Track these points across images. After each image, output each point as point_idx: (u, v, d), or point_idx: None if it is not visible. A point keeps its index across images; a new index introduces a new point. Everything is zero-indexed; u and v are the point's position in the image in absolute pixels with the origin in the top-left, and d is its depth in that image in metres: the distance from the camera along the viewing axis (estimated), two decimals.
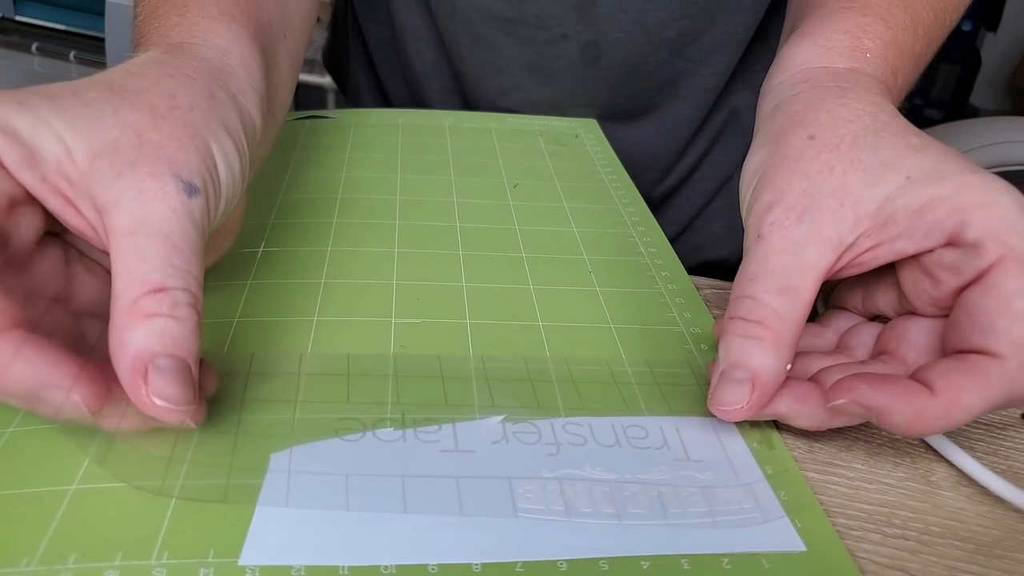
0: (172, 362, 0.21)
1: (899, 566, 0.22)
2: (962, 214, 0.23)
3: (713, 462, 0.24)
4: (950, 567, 0.22)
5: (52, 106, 0.22)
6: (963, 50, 2.06)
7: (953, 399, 0.22)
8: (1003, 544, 0.23)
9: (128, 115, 0.23)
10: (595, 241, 0.37)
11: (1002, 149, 1.04)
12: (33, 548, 0.19)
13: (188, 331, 0.21)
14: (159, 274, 0.21)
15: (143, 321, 0.21)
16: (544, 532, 0.21)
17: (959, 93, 2.11)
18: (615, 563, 0.21)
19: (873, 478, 0.25)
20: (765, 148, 0.28)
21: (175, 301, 0.21)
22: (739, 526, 0.22)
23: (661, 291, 0.33)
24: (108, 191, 0.22)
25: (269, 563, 0.20)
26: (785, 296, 0.24)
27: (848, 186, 0.25)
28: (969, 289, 0.23)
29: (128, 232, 0.21)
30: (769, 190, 0.26)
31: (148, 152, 0.22)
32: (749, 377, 0.24)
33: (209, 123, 0.24)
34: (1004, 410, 0.29)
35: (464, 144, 0.46)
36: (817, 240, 0.24)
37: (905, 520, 0.23)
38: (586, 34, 0.49)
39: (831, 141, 0.26)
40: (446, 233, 0.36)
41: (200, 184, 0.23)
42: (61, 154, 0.21)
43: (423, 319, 0.30)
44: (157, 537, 0.20)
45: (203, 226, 0.23)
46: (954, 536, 0.23)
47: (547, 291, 0.32)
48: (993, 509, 0.24)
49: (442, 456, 0.24)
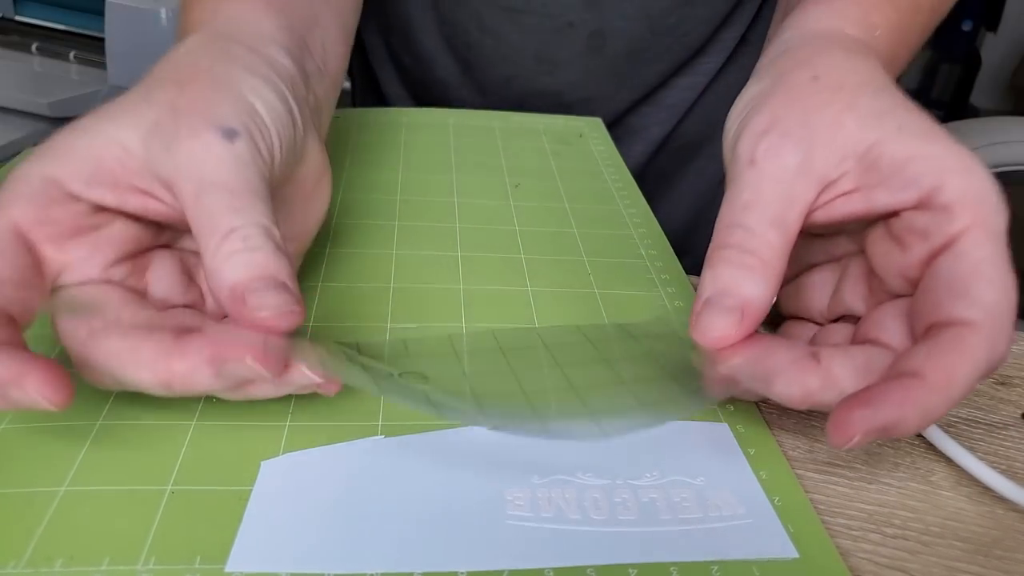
0: (261, 283, 0.22)
1: (899, 566, 0.22)
2: (940, 175, 0.23)
3: (706, 466, 0.24)
4: (950, 567, 0.22)
5: (101, 117, 0.24)
6: (963, 50, 2.06)
7: (946, 380, 0.21)
8: (1003, 544, 0.23)
9: (159, 96, 0.24)
10: (595, 242, 0.37)
11: (1002, 149, 1.04)
12: (21, 551, 0.20)
13: (268, 255, 0.23)
14: (224, 219, 0.23)
15: (225, 261, 0.22)
16: (532, 540, 0.21)
17: (959, 93, 2.11)
18: (603, 571, 0.20)
19: (873, 478, 0.25)
20: (765, 82, 0.28)
21: (246, 235, 0.23)
22: (731, 531, 0.22)
23: (660, 294, 0.33)
24: (166, 167, 0.23)
25: (256, 570, 0.20)
26: (778, 228, 0.24)
27: (842, 123, 0.25)
28: (939, 257, 0.23)
29: (193, 196, 0.23)
30: (765, 116, 0.26)
31: (183, 117, 0.24)
32: (739, 305, 0.24)
33: (233, 72, 0.26)
34: (1004, 410, 0.29)
35: (467, 143, 0.46)
36: (809, 171, 0.24)
37: (905, 520, 0.23)
38: (591, 22, 0.50)
39: (834, 83, 0.26)
40: (445, 234, 0.36)
41: (239, 126, 0.24)
42: (119, 152, 0.23)
43: (420, 324, 0.30)
44: (145, 542, 0.20)
45: (257, 164, 0.24)
46: (954, 536, 0.23)
47: (544, 293, 0.32)
48: (993, 509, 0.24)
49: (432, 461, 0.24)
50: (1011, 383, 0.30)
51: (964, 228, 0.22)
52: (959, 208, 0.22)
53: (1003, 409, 0.29)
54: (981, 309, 0.21)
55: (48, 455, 0.22)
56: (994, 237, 0.22)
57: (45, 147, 0.23)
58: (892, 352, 0.24)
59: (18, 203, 0.22)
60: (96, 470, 0.22)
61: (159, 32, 0.78)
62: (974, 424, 0.28)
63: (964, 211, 0.22)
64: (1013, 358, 0.32)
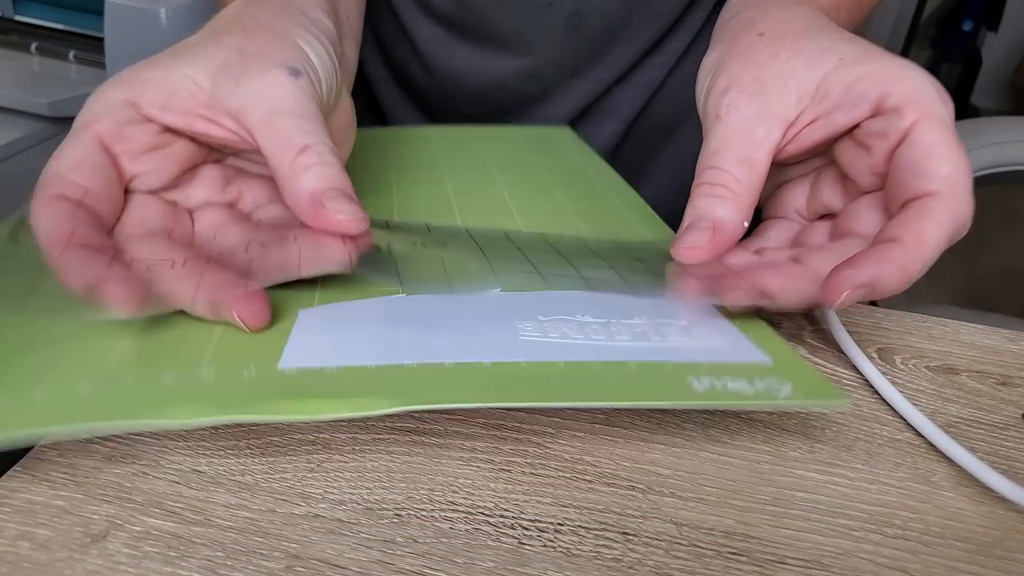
0: (336, 192, 0.26)
1: (900, 567, 0.22)
2: (884, 86, 0.27)
3: (687, 313, 0.28)
4: (950, 567, 0.22)
5: (175, 55, 0.28)
6: (964, 50, 2.06)
7: (920, 239, 0.25)
8: (1004, 544, 0.23)
9: (228, 41, 0.29)
10: (584, 212, 0.39)
11: (1002, 149, 1.04)
12: (97, 367, 0.23)
13: (338, 171, 0.27)
14: (299, 137, 0.27)
15: (303, 172, 0.26)
16: (544, 348, 0.25)
17: (960, 93, 2.11)
18: (607, 365, 0.24)
19: (874, 478, 0.25)
20: (721, 46, 0.32)
21: (320, 151, 0.27)
22: (713, 350, 0.26)
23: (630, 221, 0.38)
24: (234, 97, 0.27)
25: (305, 366, 0.23)
26: (744, 166, 0.28)
27: (791, 70, 0.29)
28: (898, 149, 0.27)
29: (264, 120, 0.27)
30: (724, 77, 0.30)
31: (252, 58, 0.28)
32: (711, 225, 0.28)
33: (290, 27, 0.30)
34: (1004, 410, 0.29)
35: (453, 148, 0.48)
36: (767, 117, 0.29)
37: (905, 520, 0.23)
38: (570, 4, 0.52)
39: (777, 36, 0.30)
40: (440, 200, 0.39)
41: (300, 67, 0.28)
42: (191, 86, 0.27)
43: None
44: (204, 352, 0.24)
45: (316, 99, 0.28)
46: (955, 536, 0.23)
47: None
48: (994, 509, 0.24)
49: (452, 307, 0.27)
50: (1012, 383, 0.30)
51: (913, 121, 0.26)
52: (906, 106, 0.26)
53: (1004, 409, 0.29)
54: (939, 180, 0.25)
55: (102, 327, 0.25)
56: (939, 123, 0.26)
57: (124, 77, 0.28)
58: (866, 240, 0.27)
59: (102, 120, 0.26)
60: (166, 319, 0.25)
61: (159, 32, 0.78)
62: (975, 424, 0.28)
63: (910, 108, 0.26)
64: (1013, 358, 0.32)
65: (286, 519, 0.21)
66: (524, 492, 0.23)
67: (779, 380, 0.24)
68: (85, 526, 0.21)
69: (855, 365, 0.30)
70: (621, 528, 0.22)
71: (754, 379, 0.24)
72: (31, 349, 0.24)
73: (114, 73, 0.28)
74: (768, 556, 0.22)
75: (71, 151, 0.26)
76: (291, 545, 0.21)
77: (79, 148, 0.26)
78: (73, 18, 0.92)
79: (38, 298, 0.25)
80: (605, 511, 0.23)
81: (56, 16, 0.93)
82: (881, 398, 0.28)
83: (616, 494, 0.23)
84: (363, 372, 0.23)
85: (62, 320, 0.25)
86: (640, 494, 0.23)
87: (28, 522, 0.21)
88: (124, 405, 0.21)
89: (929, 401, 0.29)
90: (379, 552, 0.21)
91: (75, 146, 0.26)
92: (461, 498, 0.23)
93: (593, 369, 0.24)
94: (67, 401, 0.21)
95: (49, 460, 0.23)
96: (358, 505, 0.22)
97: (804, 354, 0.31)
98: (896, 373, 0.30)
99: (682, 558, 0.21)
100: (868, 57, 0.28)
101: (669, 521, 0.22)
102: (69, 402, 0.21)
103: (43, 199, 0.25)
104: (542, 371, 0.24)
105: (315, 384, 0.22)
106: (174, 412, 0.21)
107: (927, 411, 0.28)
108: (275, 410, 0.21)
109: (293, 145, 0.26)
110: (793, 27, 0.30)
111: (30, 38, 0.92)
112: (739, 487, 0.24)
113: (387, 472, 0.23)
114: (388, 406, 0.21)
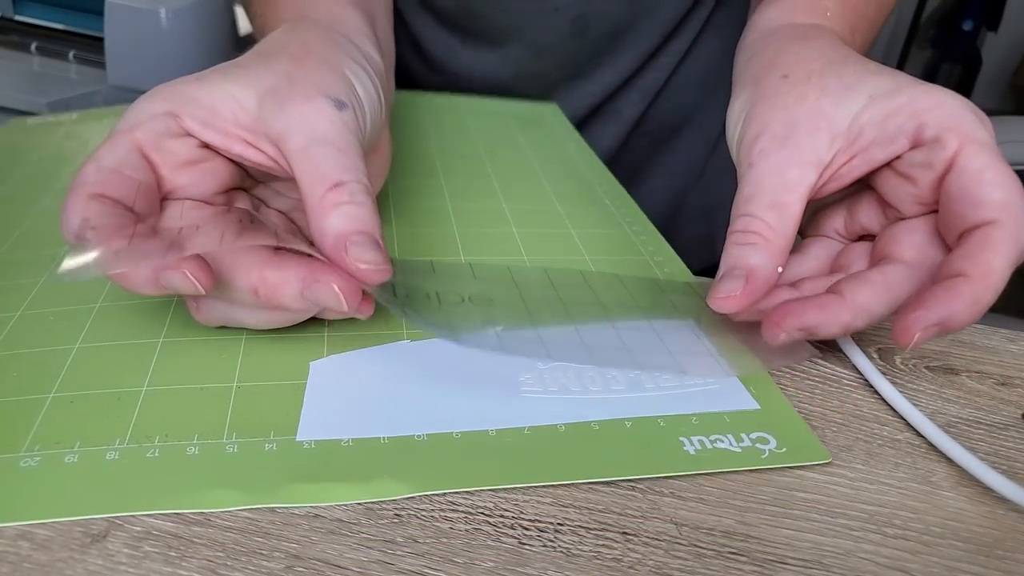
0: (363, 237, 0.25)
1: (900, 567, 0.22)
2: (919, 116, 0.27)
3: (681, 352, 0.29)
4: (951, 567, 0.22)
5: (222, 74, 0.28)
6: (964, 50, 2.06)
7: (986, 271, 0.24)
8: (1004, 544, 0.23)
9: (276, 65, 0.28)
10: (563, 192, 0.42)
11: (1002, 149, 1.04)
12: (122, 432, 0.24)
13: (369, 212, 0.26)
14: (335, 172, 0.26)
15: (333, 210, 0.25)
16: (544, 406, 0.26)
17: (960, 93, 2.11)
18: (604, 424, 0.25)
19: (874, 478, 0.25)
20: (746, 92, 0.32)
21: (353, 191, 0.26)
22: (704, 394, 0.27)
23: (620, 222, 0.39)
24: (277, 122, 0.27)
25: (322, 438, 0.24)
26: (775, 210, 0.28)
27: (821, 111, 0.28)
28: (946, 179, 0.26)
29: (302, 148, 0.26)
30: (754, 124, 0.30)
31: (299, 85, 0.27)
32: (745, 273, 0.28)
33: (339, 57, 0.30)
34: (1004, 410, 0.29)
35: (441, 120, 0.50)
36: (799, 161, 0.28)
37: (906, 520, 0.23)
38: (575, 7, 0.52)
39: (802, 76, 0.30)
40: (434, 189, 0.41)
41: (346, 99, 0.28)
42: (235, 108, 0.27)
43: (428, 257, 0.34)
44: (225, 423, 0.24)
45: (358, 134, 0.28)
46: (955, 536, 0.23)
47: (529, 234, 0.37)
48: (994, 509, 0.24)
49: (454, 356, 0.28)
50: (1012, 383, 0.30)
51: (956, 149, 0.26)
52: (945, 135, 0.26)
53: (1004, 409, 0.29)
54: (995, 207, 0.25)
55: (123, 364, 0.26)
56: (983, 147, 0.26)
57: (167, 89, 0.27)
58: (907, 265, 0.28)
59: (141, 128, 0.26)
60: (168, 374, 0.26)
61: (159, 32, 0.77)
62: (975, 424, 0.28)
63: (950, 136, 0.26)
64: (1013, 358, 0.32)
65: (286, 519, 0.21)
66: (524, 492, 0.23)
67: (765, 434, 0.26)
68: (85, 526, 0.21)
69: (855, 365, 0.30)
70: (621, 528, 0.22)
71: (741, 434, 0.26)
72: (58, 405, 0.25)
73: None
74: (768, 556, 0.22)
75: (109, 154, 0.25)
76: (291, 545, 0.21)
77: (118, 151, 0.25)
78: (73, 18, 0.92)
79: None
80: (605, 511, 0.23)
81: (56, 16, 0.93)
82: (881, 398, 0.28)
83: (616, 494, 0.23)
84: (377, 446, 0.24)
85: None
86: (640, 494, 0.23)
87: (28, 522, 0.21)
88: (154, 485, 0.22)
89: (929, 401, 0.29)
90: (379, 552, 0.21)
91: (114, 149, 0.25)
92: (461, 498, 0.23)
93: (592, 431, 0.25)
94: (96, 472, 0.22)
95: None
96: (358, 505, 0.22)
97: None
98: (896, 373, 0.30)
99: (682, 558, 0.21)
100: (898, 90, 0.28)
101: (669, 521, 0.22)
102: (98, 473, 0.22)
103: (80, 197, 0.24)
104: (544, 441, 0.25)
105: (332, 461, 0.23)
106: (206, 500, 0.22)
107: (927, 411, 0.28)
108: (299, 497, 0.22)
109: (328, 179, 0.26)
110: (816, 64, 0.30)
111: (30, 38, 0.92)
112: (739, 487, 0.24)
113: None
114: (404, 491, 0.22)
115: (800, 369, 0.30)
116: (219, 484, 0.22)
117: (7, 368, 0.26)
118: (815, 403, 0.28)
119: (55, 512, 0.21)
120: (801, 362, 0.30)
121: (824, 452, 0.25)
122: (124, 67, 0.78)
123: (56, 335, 0.28)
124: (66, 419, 0.24)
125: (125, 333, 0.28)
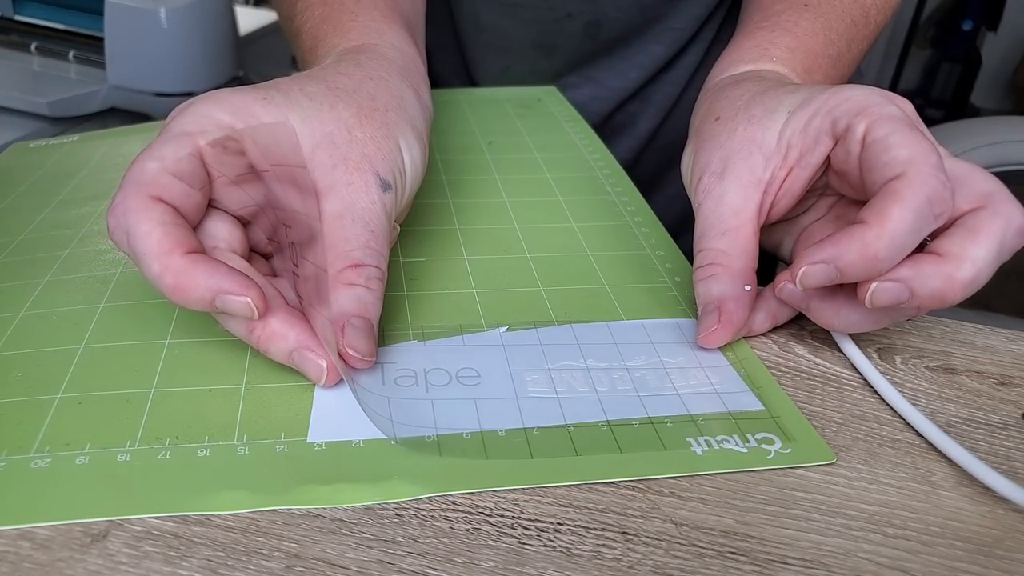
0: (363, 322, 0.26)
1: (900, 566, 0.22)
2: (831, 114, 0.28)
3: (683, 352, 0.30)
4: (951, 567, 0.22)
5: (287, 100, 0.28)
6: (964, 49, 2.06)
7: (881, 218, 0.25)
8: (1004, 544, 0.23)
9: (341, 112, 0.29)
10: (567, 185, 0.42)
11: (1002, 149, 1.04)
12: (133, 434, 0.24)
13: (376, 299, 0.27)
14: (359, 252, 0.27)
15: (344, 288, 0.26)
16: (552, 406, 0.26)
17: (959, 92, 2.11)
18: (612, 425, 0.26)
19: (874, 478, 0.25)
20: (691, 143, 0.34)
21: (369, 275, 0.27)
22: (709, 395, 0.27)
23: (621, 213, 0.39)
24: (325, 178, 0.27)
25: (333, 439, 0.24)
26: (726, 236, 0.30)
27: (751, 138, 0.31)
28: (861, 157, 0.28)
29: (338, 215, 0.27)
30: (697, 167, 0.32)
31: (355, 148, 0.28)
32: (715, 306, 0.29)
33: (400, 124, 0.30)
34: (1004, 410, 0.29)
35: (439, 114, 0.50)
36: (739, 185, 0.30)
37: (906, 520, 0.23)
38: (588, 13, 0.53)
39: (731, 114, 0.32)
40: (435, 185, 0.41)
41: (392, 181, 0.29)
42: (294, 144, 0.27)
43: (428, 257, 0.34)
44: (235, 425, 0.24)
45: (392, 216, 0.29)
46: (955, 536, 0.23)
47: (529, 229, 0.37)
48: (993, 509, 0.24)
49: (457, 352, 0.29)
50: (1011, 383, 0.30)
51: (866, 128, 0.27)
52: (854, 120, 0.28)
53: (1003, 409, 0.29)
54: (899, 164, 0.26)
55: (130, 365, 0.27)
56: (890, 120, 0.27)
57: (230, 100, 0.26)
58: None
59: (204, 135, 0.25)
60: (176, 376, 0.26)
61: (159, 32, 0.77)
62: (974, 424, 0.28)
63: (858, 120, 0.27)
64: (1013, 358, 0.32)
65: (286, 519, 0.21)
66: (524, 492, 0.23)
67: (771, 434, 0.26)
68: (85, 526, 0.21)
69: (855, 365, 0.30)
70: (621, 528, 0.22)
71: (747, 435, 0.26)
72: (66, 409, 0.25)
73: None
74: (768, 556, 0.22)
75: (171, 153, 0.25)
76: (291, 545, 0.21)
77: (179, 152, 0.25)
78: (73, 18, 0.92)
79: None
80: (605, 511, 0.23)
81: (56, 16, 0.93)
82: (881, 398, 0.28)
83: (616, 494, 0.23)
84: (387, 447, 0.24)
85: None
86: (640, 494, 0.23)
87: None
88: (166, 487, 0.22)
89: (929, 401, 0.29)
90: (379, 552, 0.21)
91: (175, 150, 0.25)
92: (461, 498, 0.23)
93: (600, 433, 0.25)
94: (108, 474, 0.22)
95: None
96: (358, 505, 0.22)
97: (804, 353, 0.31)
98: (896, 373, 0.30)
99: (682, 558, 0.21)
100: (811, 98, 0.29)
101: (669, 521, 0.22)
102: (110, 475, 0.22)
103: (140, 199, 0.24)
104: (553, 442, 0.25)
105: (344, 462, 0.23)
106: (217, 502, 0.22)
107: (927, 411, 0.28)
108: (311, 499, 0.22)
109: (350, 257, 0.26)
110: (742, 101, 0.32)
111: (30, 38, 0.92)
112: (739, 487, 0.24)
113: None
114: (417, 493, 0.22)
115: (800, 369, 0.30)
116: (231, 486, 0.22)
117: (12, 368, 0.26)
118: (815, 403, 0.28)
119: (67, 515, 0.21)
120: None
121: (829, 452, 0.25)
122: (124, 67, 0.78)
123: (61, 335, 0.28)
124: (75, 420, 0.24)
125: (130, 334, 0.28)
